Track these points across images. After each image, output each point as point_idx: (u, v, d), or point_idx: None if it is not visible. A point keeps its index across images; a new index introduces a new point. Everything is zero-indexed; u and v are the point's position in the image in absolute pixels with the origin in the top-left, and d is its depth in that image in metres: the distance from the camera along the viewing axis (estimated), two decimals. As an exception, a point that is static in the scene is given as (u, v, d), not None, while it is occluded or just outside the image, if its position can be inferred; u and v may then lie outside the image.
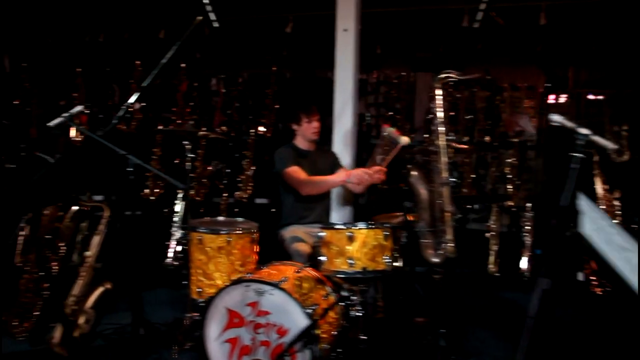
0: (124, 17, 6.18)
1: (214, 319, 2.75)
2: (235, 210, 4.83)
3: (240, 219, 3.57)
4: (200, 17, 3.26)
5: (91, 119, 4.45)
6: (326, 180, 3.45)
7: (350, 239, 2.71)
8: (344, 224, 2.79)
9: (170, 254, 4.40)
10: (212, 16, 5.53)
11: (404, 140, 3.06)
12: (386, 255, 2.75)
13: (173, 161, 4.51)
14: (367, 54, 4.57)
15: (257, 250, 3.34)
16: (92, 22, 6.33)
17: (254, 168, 4.55)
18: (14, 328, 3.15)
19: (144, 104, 4.69)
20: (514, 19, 5.42)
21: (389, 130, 3.23)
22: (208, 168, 4.50)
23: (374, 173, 3.20)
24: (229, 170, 4.79)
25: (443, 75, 2.59)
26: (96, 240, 3.19)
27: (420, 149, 3.08)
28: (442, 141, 2.58)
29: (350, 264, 2.72)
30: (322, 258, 2.80)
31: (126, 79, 5.04)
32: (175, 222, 4.38)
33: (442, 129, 2.58)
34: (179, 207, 4.35)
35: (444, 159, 2.58)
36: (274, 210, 4.80)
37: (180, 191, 4.30)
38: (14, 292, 3.16)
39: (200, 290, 3.19)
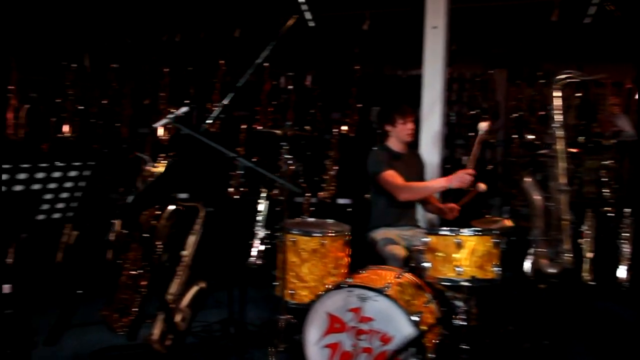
0: (199, 16, 6.27)
1: (314, 323, 2.71)
2: (312, 209, 4.79)
3: (330, 221, 3.53)
4: (295, 16, 3.22)
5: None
6: (426, 186, 3.36)
7: (459, 246, 2.61)
8: (450, 229, 2.68)
9: (254, 253, 4.39)
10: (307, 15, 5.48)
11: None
12: (495, 264, 2.63)
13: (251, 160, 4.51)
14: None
15: (349, 253, 3.29)
16: (169, 22, 6.45)
17: (337, 168, 4.50)
18: (114, 322, 3.22)
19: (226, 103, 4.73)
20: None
21: (484, 126, 3.16)
22: (290, 167, 4.47)
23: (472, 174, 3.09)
24: (303, 170, 4.76)
25: (563, 76, 2.43)
26: (192, 239, 3.21)
27: (534, 154, 2.94)
28: (560, 146, 2.43)
29: (459, 272, 2.62)
30: (425, 264, 2.71)
31: (207, 78, 5.10)
32: (258, 221, 4.37)
33: (560, 133, 2.43)
34: (262, 206, 4.34)
35: (562, 164, 2.43)
36: (349, 210, 4.76)
37: (264, 190, 4.30)
38: (114, 288, 3.23)
39: (292, 292, 3.16)
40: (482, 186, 3.16)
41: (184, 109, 2.69)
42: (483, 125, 3.15)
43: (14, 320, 2.18)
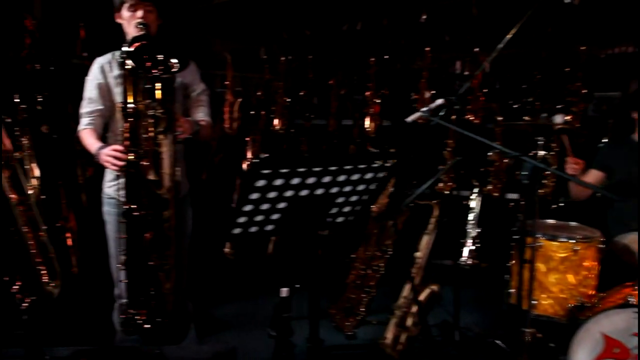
0: (381, 3, 6.06)
1: (584, 343, 2.37)
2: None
3: (573, 223, 3.13)
4: None
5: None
6: None
7: None
8: None
9: (466, 252, 4.11)
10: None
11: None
12: None
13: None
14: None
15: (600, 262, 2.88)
16: (348, 11, 6.32)
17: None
18: (341, 322, 3.16)
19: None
20: None
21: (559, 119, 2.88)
22: (504, 161, 4.13)
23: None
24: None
25: None
26: (425, 240, 3.03)
27: None
28: None
29: None
30: None
31: (407, 67, 4.88)
32: (470, 219, 4.07)
33: None
34: (474, 203, 4.04)
35: None
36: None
37: (477, 184, 4.00)
38: (342, 286, 3.16)
39: (535, 302, 2.83)
40: None
41: (439, 102, 2.49)
42: (558, 119, 2.88)
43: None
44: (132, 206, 2.14)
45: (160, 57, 2.09)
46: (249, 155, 4.12)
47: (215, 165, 4.24)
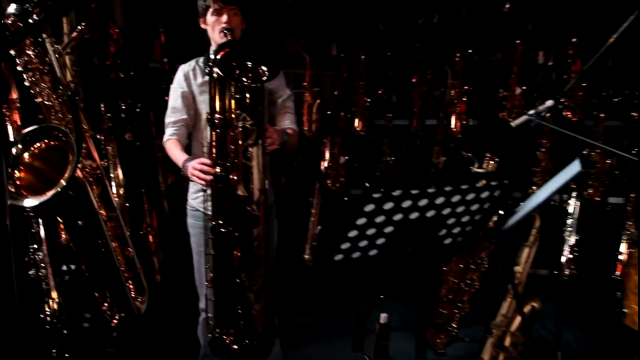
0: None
1: None
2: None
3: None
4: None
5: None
6: None
7: None
8: None
9: (563, 261, 3.79)
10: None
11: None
12: None
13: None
14: None
15: None
16: (423, 3, 6.05)
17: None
18: (432, 338, 2.96)
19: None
20: None
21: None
22: (607, 161, 3.77)
23: None
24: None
25: None
26: (526, 252, 2.77)
27: None
28: None
29: None
30: None
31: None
32: (568, 225, 3.75)
33: None
34: (572, 208, 3.71)
35: None
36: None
37: (575, 187, 3.68)
38: (434, 300, 2.96)
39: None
40: None
41: (549, 103, 2.23)
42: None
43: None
44: (220, 222, 2.04)
45: (248, 64, 1.97)
46: (327, 157, 3.98)
47: (295, 169, 4.13)
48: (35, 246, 1.96)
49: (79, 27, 2.13)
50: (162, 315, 3.10)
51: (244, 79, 1.92)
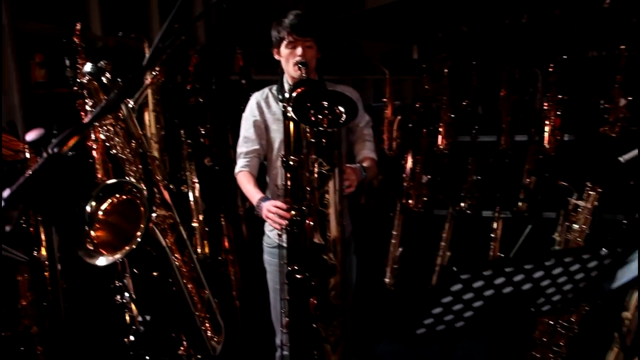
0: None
1: None
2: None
3: None
4: None
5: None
6: None
7: None
8: None
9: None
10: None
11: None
12: None
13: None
14: None
15: None
16: (512, 3, 5.69)
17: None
18: None
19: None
20: None
21: None
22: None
23: None
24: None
25: None
26: (636, 297, 2.47)
27: None
28: None
29: None
30: None
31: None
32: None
33: None
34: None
35: None
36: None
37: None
38: (528, 342, 2.73)
39: None
40: None
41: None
42: None
43: None
44: (295, 267, 1.96)
45: (325, 104, 1.86)
46: (408, 175, 3.81)
47: (375, 188, 3.99)
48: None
49: (154, 73, 2.13)
50: (240, 349, 3.08)
51: (320, 124, 1.82)
